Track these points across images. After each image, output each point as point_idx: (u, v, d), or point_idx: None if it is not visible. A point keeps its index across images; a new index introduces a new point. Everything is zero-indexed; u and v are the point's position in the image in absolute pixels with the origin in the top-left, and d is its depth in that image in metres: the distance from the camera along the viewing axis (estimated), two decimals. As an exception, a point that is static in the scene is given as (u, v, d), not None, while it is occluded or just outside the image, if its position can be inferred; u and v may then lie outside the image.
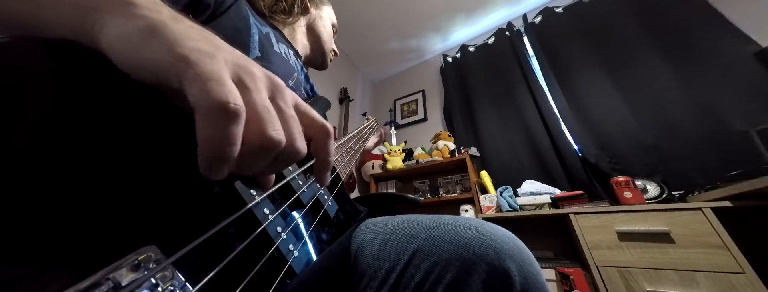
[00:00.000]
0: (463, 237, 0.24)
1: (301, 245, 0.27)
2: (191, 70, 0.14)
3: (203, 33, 0.17)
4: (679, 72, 1.31)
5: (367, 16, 2.11)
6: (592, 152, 1.38)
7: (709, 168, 1.10)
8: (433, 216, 0.29)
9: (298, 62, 0.52)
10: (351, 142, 0.60)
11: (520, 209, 1.30)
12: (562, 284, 1.05)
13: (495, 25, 2.20)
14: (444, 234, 0.25)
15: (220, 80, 0.14)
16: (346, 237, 0.31)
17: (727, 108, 1.15)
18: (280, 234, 0.24)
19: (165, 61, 0.15)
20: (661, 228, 0.89)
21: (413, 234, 0.26)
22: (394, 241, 0.27)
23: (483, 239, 0.23)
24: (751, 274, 0.75)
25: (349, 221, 0.40)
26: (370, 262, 0.26)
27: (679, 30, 1.37)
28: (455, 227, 0.25)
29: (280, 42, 0.48)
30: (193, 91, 0.14)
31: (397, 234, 0.27)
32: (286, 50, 0.49)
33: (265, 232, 0.23)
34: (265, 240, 0.23)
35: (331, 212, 0.35)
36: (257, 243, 0.22)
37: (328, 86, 2.21)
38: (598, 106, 1.48)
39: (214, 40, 0.17)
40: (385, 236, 0.28)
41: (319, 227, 0.32)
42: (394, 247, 0.26)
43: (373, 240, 0.28)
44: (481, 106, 1.95)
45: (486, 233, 0.24)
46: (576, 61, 1.63)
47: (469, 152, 1.64)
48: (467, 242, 0.23)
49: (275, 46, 0.45)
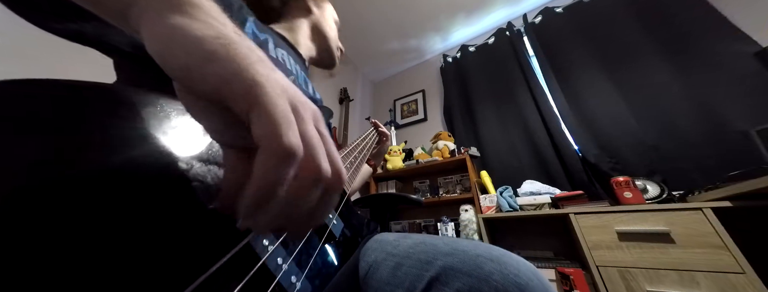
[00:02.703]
0: (484, 270, 0.23)
1: (304, 275, 0.24)
2: (264, 104, 0.14)
3: (259, 52, 0.17)
4: (679, 72, 1.31)
5: (367, 16, 2.10)
6: (592, 151, 1.38)
7: (709, 168, 1.10)
8: (448, 240, 0.28)
9: (297, 65, 0.52)
10: (355, 152, 0.58)
11: (520, 209, 1.30)
12: (562, 284, 1.05)
13: (495, 25, 2.20)
14: (463, 264, 0.23)
15: (290, 123, 0.14)
16: (354, 257, 0.30)
17: (727, 108, 1.15)
18: (281, 266, 0.22)
19: (237, 84, 0.14)
20: (661, 228, 0.89)
21: (429, 260, 0.25)
22: (408, 266, 0.25)
23: (506, 274, 0.22)
24: (751, 274, 0.75)
25: (356, 237, 0.37)
26: (381, 286, 0.25)
27: (679, 30, 1.37)
28: (475, 256, 0.24)
29: (279, 47, 0.48)
30: (263, 129, 0.14)
31: (411, 258, 0.26)
32: (284, 55, 0.48)
33: (265, 266, 0.21)
34: (265, 275, 0.21)
35: (336, 232, 0.32)
36: (255, 280, 0.20)
37: (328, 86, 2.21)
38: (598, 106, 1.48)
39: (268, 63, 0.17)
40: (397, 258, 0.27)
41: (324, 250, 0.29)
42: (408, 273, 0.25)
43: (384, 262, 0.27)
44: (481, 106, 1.95)
45: (509, 268, 0.23)
46: (576, 61, 1.63)
47: (469, 152, 1.64)
48: (488, 275, 0.22)
49: (272, 51, 0.44)
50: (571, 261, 1.15)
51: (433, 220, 1.76)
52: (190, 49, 0.14)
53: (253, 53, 0.16)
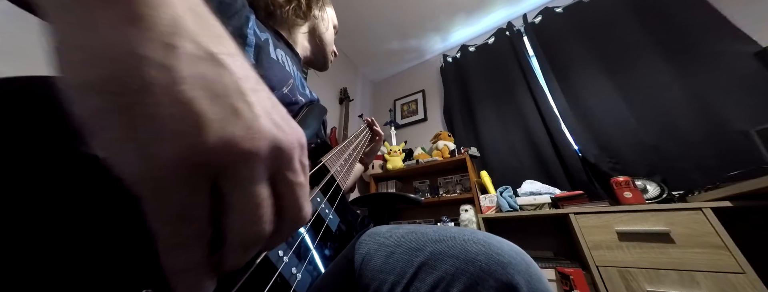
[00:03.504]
0: (470, 251, 0.23)
1: (304, 266, 0.26)
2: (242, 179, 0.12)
3: (278, 108, 0.15)
4: (679, 72, 1.31)
5: (367, 16, 2.10)
6: (592, 151, 1.38)
7: (709, 168, 1.10)
8: (438, 228, 0.29)
9: (294, 66, 0.52)
10: (350, 149, 0.59)
11: (520, 209, 1.30)
12: (562, 284, 1.05)
13: (495, 25, 2.20)
14: (450, 248, 0.24)
15: (262, 219, 0.13)
16: (349, 249, 0.31)
17: (727, 108, 1.15)
18: (282, 258, 0.23)
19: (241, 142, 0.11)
20: (661, 228, 0.89)
21: (419, 247, 0.26)
22: (399, 253, 0.26)
23: (490, 253, 0.23)
24: (751, 274, 0.75)
25: (351, 231, 0.39)
26: (374, 275, 0.26)
27: (679, 30, 1.37)
28: (462, 240, 0.25)
29: (278, 47, 0.48)
30: (235, 219, 0.12)
31: (402, 247, 0.27)
32: (283, 56, 0.48)
33: (267, 258, 0.22)
34: (267, 267, 0.22)
35: (333, 226, 0.34)
36: (259, 271, 0.21)
37: (328, 86, 2.21)
38: (598, 106, 1.48)
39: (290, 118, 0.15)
40: (389, 248, 0.27)
41: (322, 243, 0.31)
42: (399, 260, 0.26)
43: (377, 252, 0.28)
44: (481, 106, 1.95)
45: (493, 248, 0.24)
46: (576, 61, 1.63)
47: (469, 152, 1.64)
48: (474, 256, 0.23)
49: (272, 52, 0.44)
50: (571, 261, 1.15)
51: (433, 220, 1.76)
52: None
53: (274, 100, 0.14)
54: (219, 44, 0.12)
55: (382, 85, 2.90)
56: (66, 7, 0.10)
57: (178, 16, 0.11)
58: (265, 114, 0.13)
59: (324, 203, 0.34)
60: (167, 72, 0.10)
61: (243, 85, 0.12)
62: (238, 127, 0.11)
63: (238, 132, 0.11)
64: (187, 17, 0.11)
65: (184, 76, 0.10)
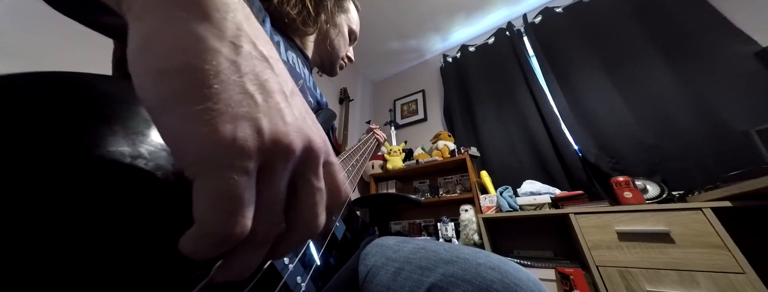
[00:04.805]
0: (485, 278, 0.22)
1: (309, 276, 0.25)
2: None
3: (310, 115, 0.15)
4: (679, 72, 1.31)
5: (367, 16, 2.10)
6: (592, 151, 1.38)
7: (709, 168, 1.10)
8: (449, 246, 0.28)
9: (305, 69, 0.52)
10: (356, 156, 0.59)
11: (520, 209, 1.30)
12: (562, 284, 1.05)
13: (495, 25, 2.20)
14: (464, 271, 0.24)
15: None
16: (353, 261, 0.30)
17: (727, 108, 1.15)
18: (287, 266, 0.23)
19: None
20: (661, 228, 0.89)
21: (429, 266, 0.25)
22: (408, 271, 0.26)
23: (507, 283, 0.22)
24: (751, 274, 0.75)
25: (356, 240, 0.38)
26: (381, 291, 0.25)
27: (679, 30, 1.37)
28: (476, 264, 0.24)
29: (289, 50, 0.48)
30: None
31: (411, 264, 0.26)
32: (294, 58, 0.48)
33: (272, 266, 0.21)
34: (272, 275, 0.21)
35: (338, 234, 0.33)
36: (264, 280, 0.20)
37: (328, 86, 2.21)
38: (598, 106, 1.48)
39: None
40: (398, 263, 0.27)
41: (327, 252, 0.30)
42: (408, 278, 0.25)
43: (384, 266, 0.27)
44: (481, 106, 1.95)
45: (510, 277, 0.23)
46: (576, 61, 1.63)
47: (469, 152, 1.64)
48: (489, 284, 0.22)
49: (283, 54, 0.44)
50: (571, 261, 1.15)
51: (433, 220, 1.76)
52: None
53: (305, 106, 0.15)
54: (269, 48, 0.14)
55: (382, 85, 2.90)
56: (158, 9, 0.11)
57: (240, 22, 0.13)
58: (302, 117, 0.14)
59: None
60: (234, 66, 0.12)
61: (285, 88, 0.14)
62: (282, 124, 0.12)
63: (281, 128, 0.12)
64: (245, 23, 0.13)
65: (245, 72, 0.12)
